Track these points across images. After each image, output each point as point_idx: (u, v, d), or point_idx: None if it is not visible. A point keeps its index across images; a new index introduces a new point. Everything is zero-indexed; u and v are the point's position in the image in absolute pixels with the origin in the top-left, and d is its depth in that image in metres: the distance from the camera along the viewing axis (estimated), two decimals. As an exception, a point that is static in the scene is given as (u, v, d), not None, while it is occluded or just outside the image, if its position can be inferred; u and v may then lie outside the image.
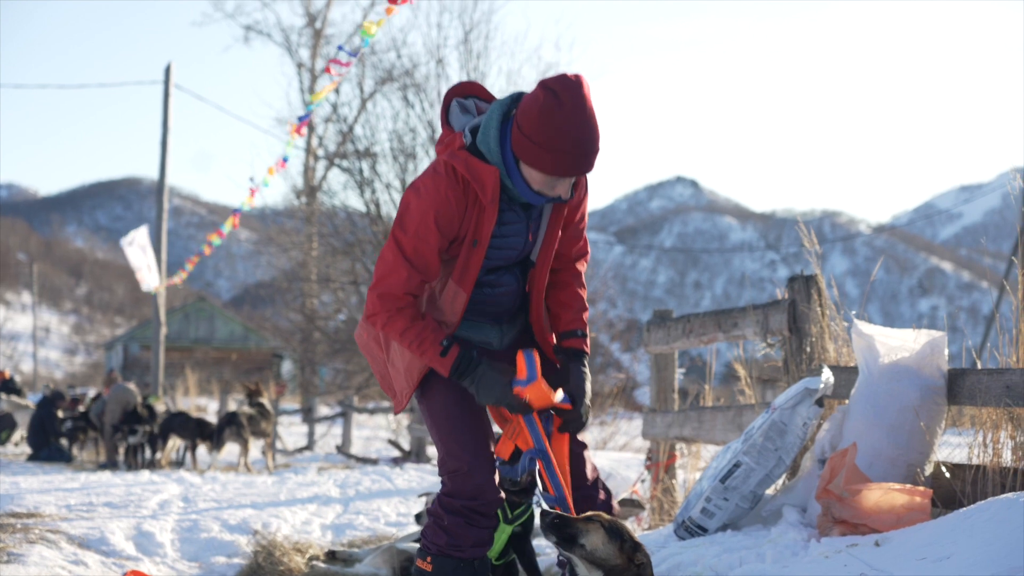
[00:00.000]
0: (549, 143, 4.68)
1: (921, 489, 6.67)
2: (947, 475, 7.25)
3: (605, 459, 12.84)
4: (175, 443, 21.71)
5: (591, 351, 5.88)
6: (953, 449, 7.88)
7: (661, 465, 10.85)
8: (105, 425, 22.01)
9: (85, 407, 25.28)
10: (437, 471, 5.34)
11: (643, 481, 11.71)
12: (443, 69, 34.18)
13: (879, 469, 7.18)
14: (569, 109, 4.66)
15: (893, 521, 6.51)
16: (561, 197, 4.95)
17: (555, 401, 5.03)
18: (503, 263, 5.25)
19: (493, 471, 5.19)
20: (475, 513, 5.18)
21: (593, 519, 4.94)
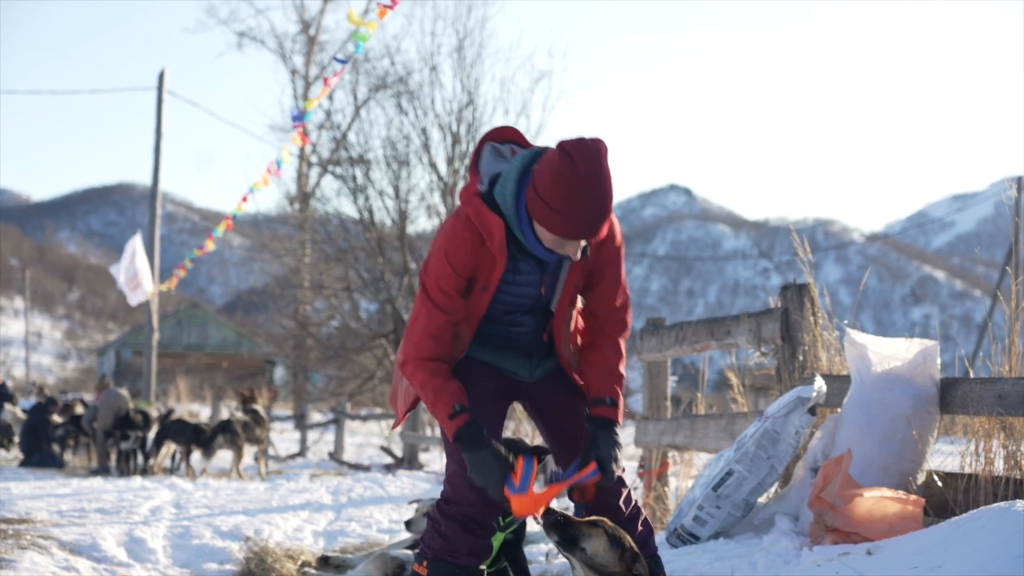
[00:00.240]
0: (559, 207, 4.72)
1: (913, 498, 6.68)
2: (939, 484, 7.25)
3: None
4: (169, 449, 21.68)
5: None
6: (945, 458, 7.89)
7: (653, 473, 10.86)
8: (97, 431, 21.99)
9: (74, 413, 25.22)
10: (434, 479, 5.36)
11: (635, 489, 11.72)
12: (437, 76, 34.14)
13: (871, 478, 7.18)
14: (583, 175, 4.68)
15: (885, 530, 6.52)
16: (570, 256, 4.97)
17: (538, 515, 4.98)
18: (516, 308, 5.28)
19: None
20: (471, 521, 5.19)
21: (597, 524, 4.94)
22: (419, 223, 35.43)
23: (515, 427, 17.73)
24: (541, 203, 4.76)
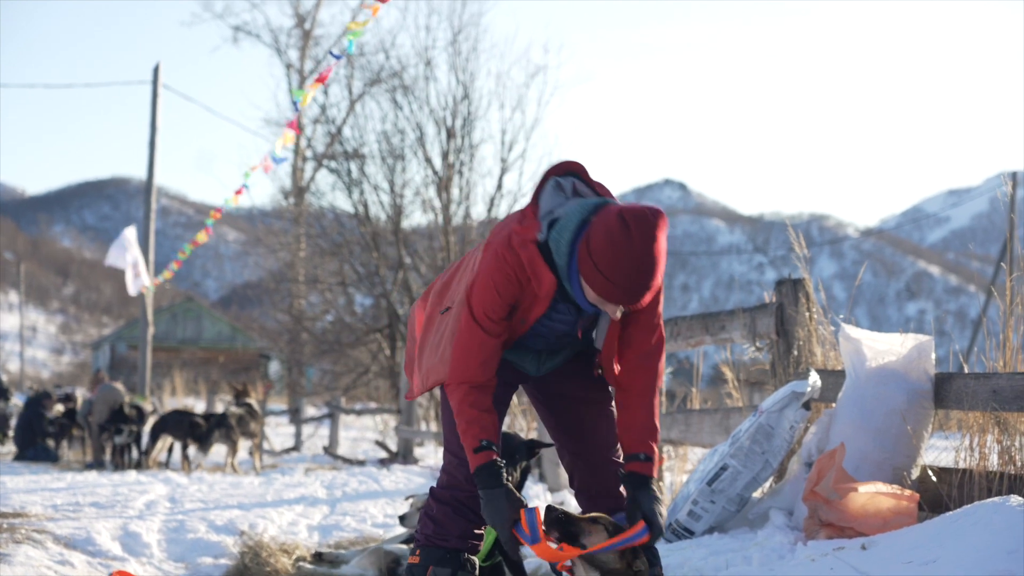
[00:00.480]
0: (608, 272, 4.71)
1: (908, 493, 6.68)
2: (934, 479, 7.26)
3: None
4: (166, 442, 21.64)
5: None
6: (940, 453, 7.89)
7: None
8: (92, 425, 21.97)
9: (68, 407, 25.20)
10: (429, 473, 5.38)
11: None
12: (432, 71, 34.16)
13: (866, 472, 7.19)
14: (637, 247, 4.67)
15: (880, 524, 6.52)
16: (609, 314, 4.98)
17: (561, 557, 4.92)
18: (549, 334, 5.32)
19: None
20: (462, 504, 5.23)
21: (598, 520, 4.93)
22: (414, 217, 35.50)
23: (511, 422, 17.73)
24: (591, 263, 4.74)
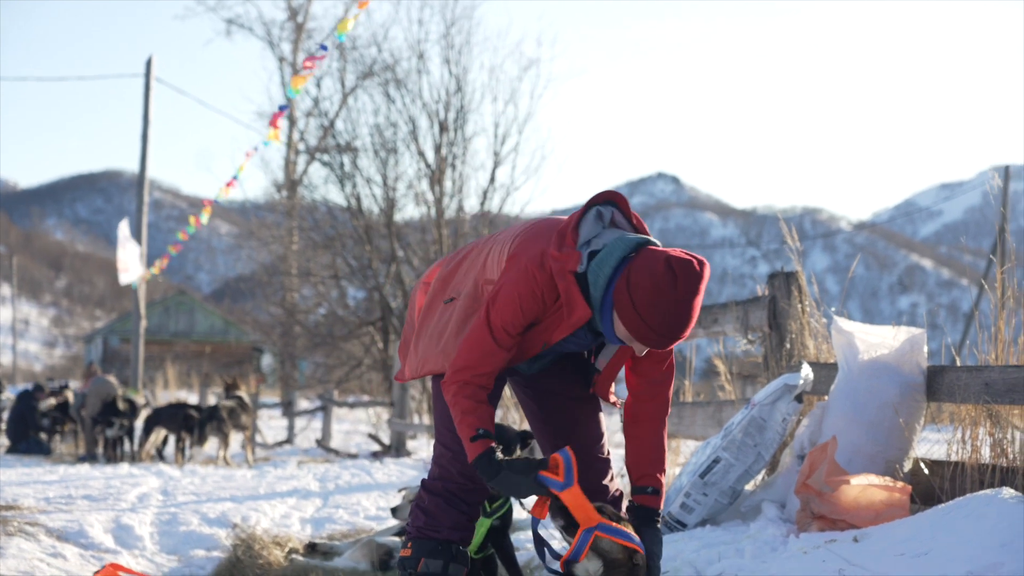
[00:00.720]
0: (647, 317, 4.72)
1: (900, 485, 6.69)
2: (926, 471, 7.27)
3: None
4: (159, 435, 21.64)
5: None
6: (932, 446, 7.90)
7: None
8: (85, 418, 21.97)
9: (60, 400, 25.18)
10: (422, 466, 5.37)
11: (623, 476, 11.73)
12: (424, 64, 34.08)
13: (858, 465, 7.20)
14: (680, 297, 4.69)
15: (872, 517, 6.53)
16: (635, 351, 5.00)
17: (592, 510, 4.93)
18: (557, 351, 5.34)
19: None
20: (454, 496, 5.23)
21: (603, 509, 4.95)
22: (407, 211, 35.40)
23: (502, 414, 17.74)
24: (630, 304, 4.75)
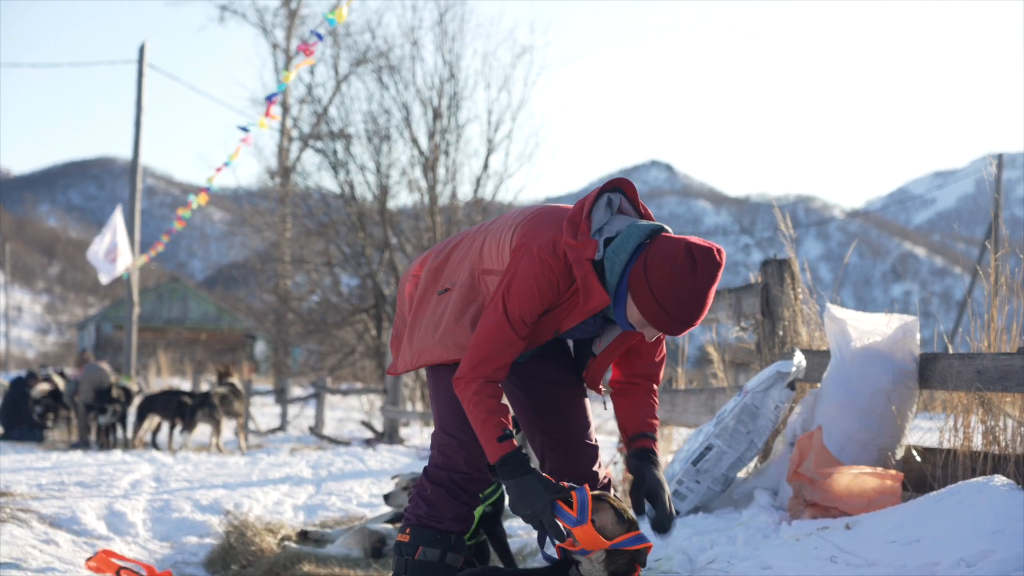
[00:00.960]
0: (666, 303, 4.73)
1: (892, 472, 6.70)
2: (918, 459, 7.28)
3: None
4: (152, 422, 21.63)
5: None
6: (924, 433, 7.91)
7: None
8: (78, 405, 21.97)
9: (51, 388, 25.16)
10: (415, 453, 5.35)
11: (615, 463, 11.74)
12: (418, 51, 34.09)
13: (851, 452, 7.20)
14: (700, 284, 4.70)
15: (864, 504, 6.54)
16: (645, 336, 5.01)
17: (607, 545, 4.92)
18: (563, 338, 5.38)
19: (483, 453, 5.21)
20: (458, 486, 5.21)
21: (603, 498, 4.95)
22: (400, 198, 35.40)
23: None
24: (648, 291, 4.75)
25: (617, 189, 5.09)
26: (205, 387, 31.10)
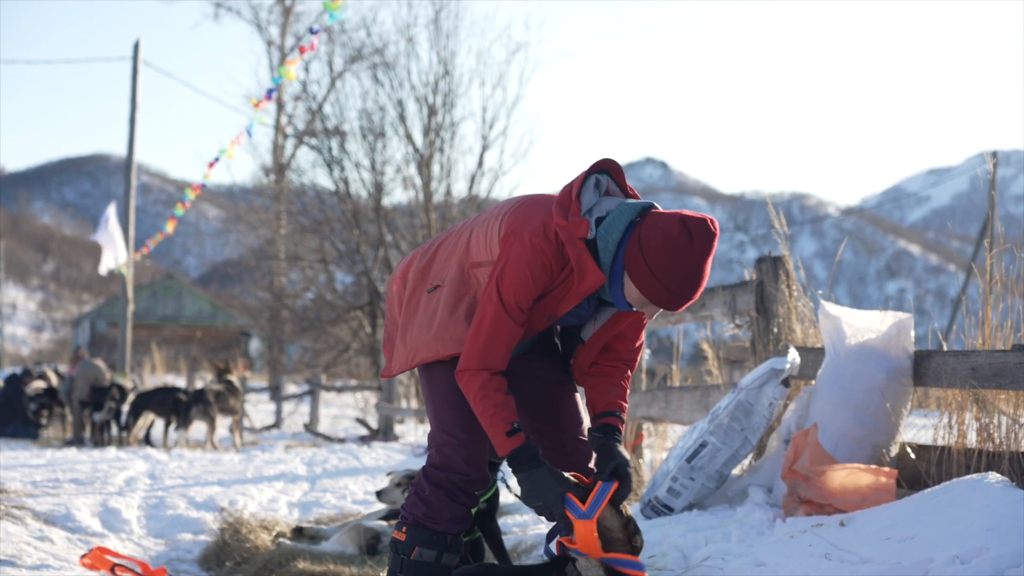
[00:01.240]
0: (663, 277, 4.72)
1: (886, 470, 6.71)
2: (912, 456, 7.28)
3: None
4: (147, 419, 21.64)
5: None
6: (918, 430, 7.92)
7: (628, 444, 10.87)
8: (73, 401, 21.98)
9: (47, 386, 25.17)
10: (409, 450, 5.34)
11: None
12: (413, 48, 34.10)
13: (845, 450, 7.21)
14: (697, 255, 4.70)
15: (858, 501, 6.55)
16: (645, 315, 5.02)
17: (601, 554, 4.89)
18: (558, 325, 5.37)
19: (483, 451, 5.20)
20: (457, 488, 5.19)
21: (582, 486, 4.96)
22: (395, 195, 35.44)
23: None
24: (645, 266, 4.75)
25: (603, 171, 5.09)
26: (200, 384, 31.10)
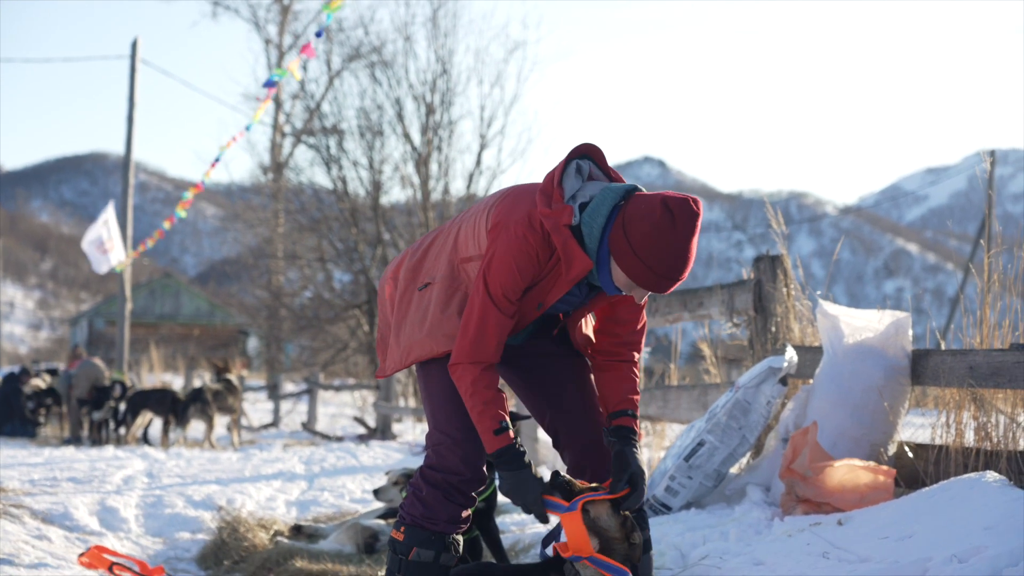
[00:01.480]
0: (648, 259, 4.72)
1: (884, 468, 6.71)
2: (910, 455, 7.29)
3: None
4: (145, 418, 21.64)
5: None
6: (916, 429, 7.93)
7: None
8: (71, 400, 21.99)
9: (48, 384, 25.17)
10: (407, 449, 5.33)
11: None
12: (411, 47, 34.10)
13: (843, 448, 7.21)
14: (680, 236, 4.69)
15: (856, 500, 6.55)
16: (634, 299, 5.01)
17: (591, 548, 4.91)
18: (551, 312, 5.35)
19: (479, 450, 5.20)
20: (454, 489, 5.19)
21: (600, 491, 4.97)
22: (393, 193, 35.45)
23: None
24: (629, 249, 4.74)
25: (585, 156, 5.08)
26: (198, 383, 31.09)
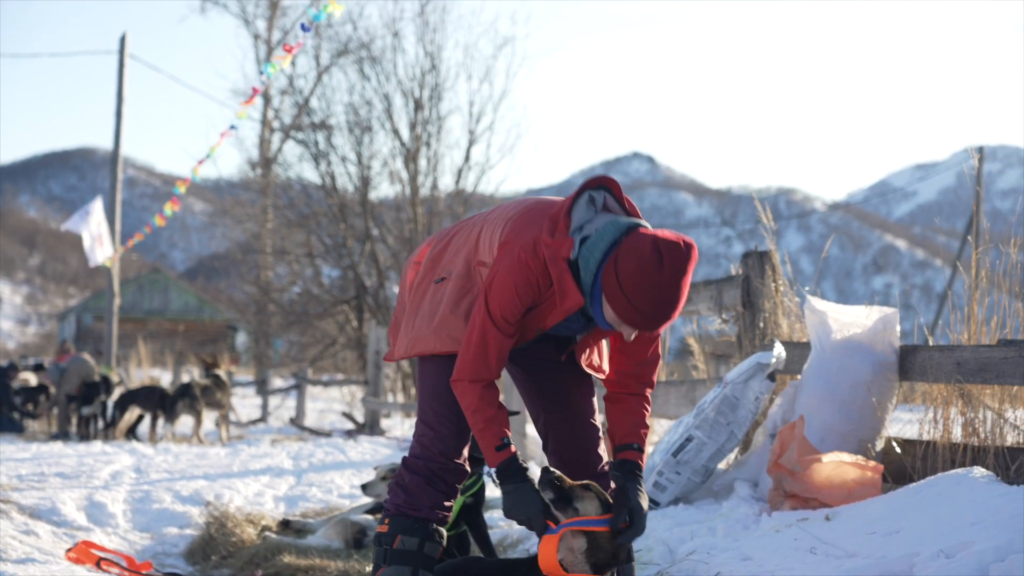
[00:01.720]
0: (633, 298, 4.73)
1: (872, 464, 6.72)
2: (898, 450, 7.30)
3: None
4: (133, 414, 21.61)
5: None
6: (904, 425, 7.94)
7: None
8: (60, 395, 21.96)
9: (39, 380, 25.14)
10: (396, 444, 5.33)
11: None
12: (399, 42, 34.03)
13: (831, 444, 7.22)
14: (666, 278, 4.69)
15: (844, 496, 6.56)
16: (624, 336, 5.01)
17: (560, 571, 4.92)
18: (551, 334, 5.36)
19: (460, 446, 5.23)
20: (435, 475, 5.22)
21: (589, 487, 4.99)
22: (381, 189, 35.40)
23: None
24: (617, 287, 4.75)
25: (601, 187, 5.08)
26: (186, 378, 31.05)
